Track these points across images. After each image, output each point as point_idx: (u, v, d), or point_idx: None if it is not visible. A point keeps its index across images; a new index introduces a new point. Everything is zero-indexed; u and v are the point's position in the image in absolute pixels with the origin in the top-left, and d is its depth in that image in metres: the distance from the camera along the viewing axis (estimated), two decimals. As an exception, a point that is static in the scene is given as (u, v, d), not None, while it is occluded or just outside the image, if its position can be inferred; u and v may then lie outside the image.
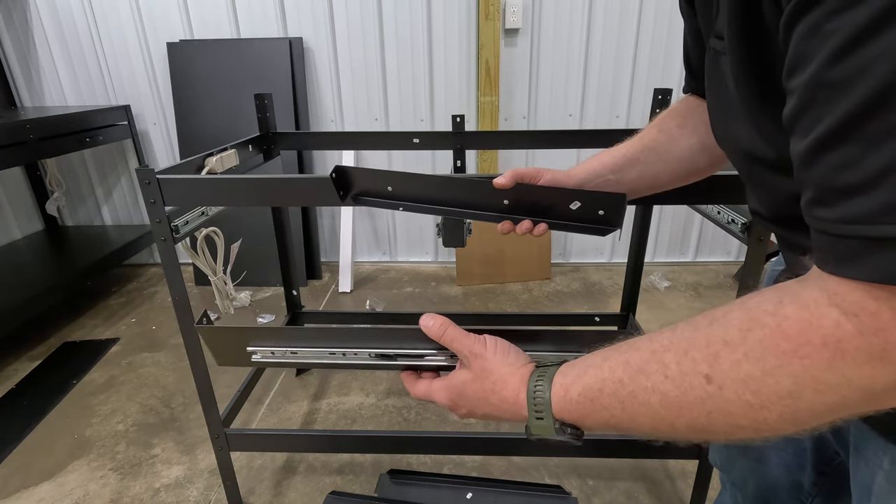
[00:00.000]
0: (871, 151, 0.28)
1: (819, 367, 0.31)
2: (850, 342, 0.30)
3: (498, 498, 1.26)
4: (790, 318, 0.32)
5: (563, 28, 2.26)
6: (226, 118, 2.36)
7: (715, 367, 0.35)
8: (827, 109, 0.29)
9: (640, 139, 0.72)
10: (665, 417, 0.38)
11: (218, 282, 1.39)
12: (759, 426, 0.34)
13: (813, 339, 0.31)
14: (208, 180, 1.00)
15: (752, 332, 0.33)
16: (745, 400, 0.34)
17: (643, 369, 0.38)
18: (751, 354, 0.33)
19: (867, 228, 0.28)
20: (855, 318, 0.30)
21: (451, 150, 1.52)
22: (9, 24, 2.36)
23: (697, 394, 0.35)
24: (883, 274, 0.29)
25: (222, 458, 1.21)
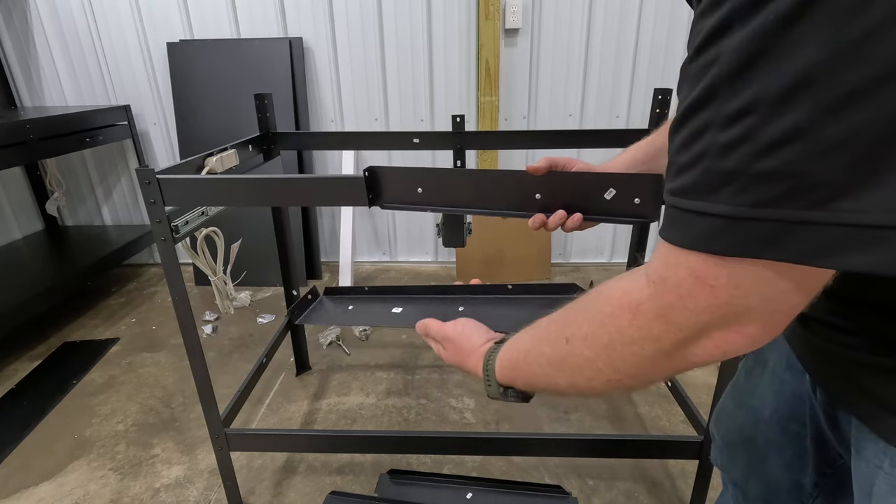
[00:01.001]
0: (695, 139, 0.33)
1: (624, 323, 0.40)
2: (644, 303, 0.38)
3: (498, 498, 1.27)
4: (617, 288, 0.42)
5: (563, 28, 2.26)
6: (226, 118, 2.36)
7: (570, 330, 0.45)
8: (685, 95, 0.34)
9: (662, 133, 0.73)
10: (552, 374, 0.48)
11: (218, 282, 1.39)
12: (598, 375, 0.43)
13: (623, 302, 0.40)
14: (208, 180, 1.00)
15: (594, 301, 0.44)
16: (585, 354, 0.43)
17: (538, 338, 0.50)
18: (588, 318, 0.43)
19: (678, 200, 0.35)
20: (652, 284, 0.37)
21: (451, 150, 1.52)
22: (9, 24, 2.36)
23: (562, 352, 0.46)
24: (680, 236, 0.35)
25: (222, 458, 1.21)
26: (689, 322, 0.36)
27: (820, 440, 0.59)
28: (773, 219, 0.30)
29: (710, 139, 0.32)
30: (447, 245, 1.29)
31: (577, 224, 0.74)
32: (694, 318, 0.36)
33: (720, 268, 0.33)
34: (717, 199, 0.32)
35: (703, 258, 0.34)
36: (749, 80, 0.29)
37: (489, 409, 1.64)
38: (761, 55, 0.28)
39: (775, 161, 0.29)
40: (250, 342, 2.06)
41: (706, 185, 0.32)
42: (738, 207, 0.31)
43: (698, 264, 0.34)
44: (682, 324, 0.36)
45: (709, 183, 0.32)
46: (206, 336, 2.10)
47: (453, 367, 0.64)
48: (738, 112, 0.30)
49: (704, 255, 0.34)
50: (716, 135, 0.31)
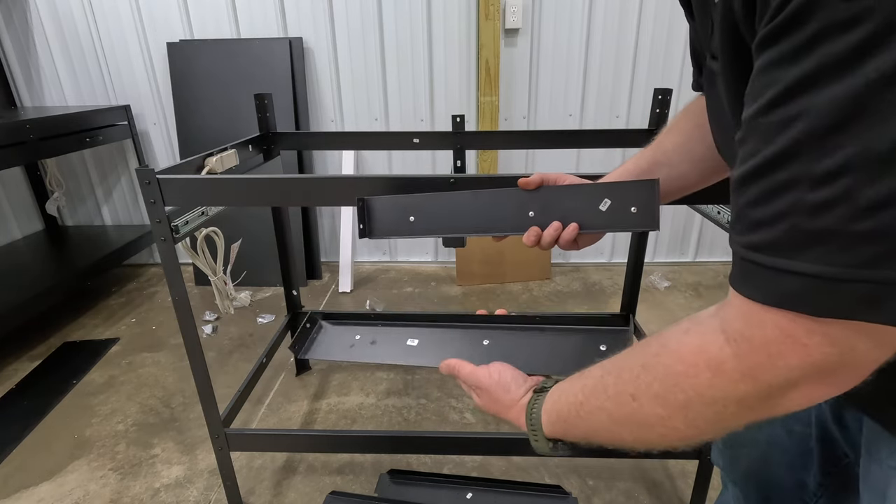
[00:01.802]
0: (776, 196, 0.32)
1: (703, 384, 0.38)
2: (727, 364, 0.36)
3: (498, 498, 1.27)
4: (688, 345, 0.39)
5: (563, 28, 2.26)
6: (226, 118, 2.36)
7: (637, 387, 0.43)
8: (755, 149, 0.33)
9: (658, 144, 0.72)
10: (614, 430, 0.46)
11: (218, 282, 1.39)
12: (675, 433, 0.41)
13: (700, 362, 0.38)
14: (208, 180, 1.00)
15: (660, 357, 0.41)
16: (658, 413, 0.41)
17: (594, 391, 0.47)
18: (657, 375, 0.41)
19: (757, 255, 0.34)
20: (735, 343, 0.36)
21: (451, 150, 1.52)
22: (9, 24, 2.36)
23: (628, 409, 0.43)
24: (761, 294, 0.34)
25: (222, 458, 1.21)
26: (780, 380, 0.35)
27: (825, 440, 0.58)
28: (872, 280, 0.29)
29: (798, 197, 0.31)
30: (447, 245, 1.29)
31: (572, 236, 0.72)
32: (785, 374, 0.35)
33: (813, 327, 0.33)
34: (807, 257, 0.31)
35: (792, 317, 0.33)
36: (844, 140, 0.28)
37: (489, 409, 1.64)
38: (860, 115, 0.27)
39: (875, 222, 0.28)
40: (250, 342, 2.06)
41: (793, 244, 0.32)
42: (832, 268, 0.30)
43: (788, 323, 0.33)
44: (771, 382, 0.35)
45: (796, 241, 0.31)
46: (206, 336, 2.10)
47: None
48: (832, 172, 0.29)
49: (794, 315, 0.33)
50: (804, 194, 0.30)
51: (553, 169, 2.66)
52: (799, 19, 0.29)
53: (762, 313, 0.34)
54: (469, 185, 0.92)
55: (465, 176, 0.92)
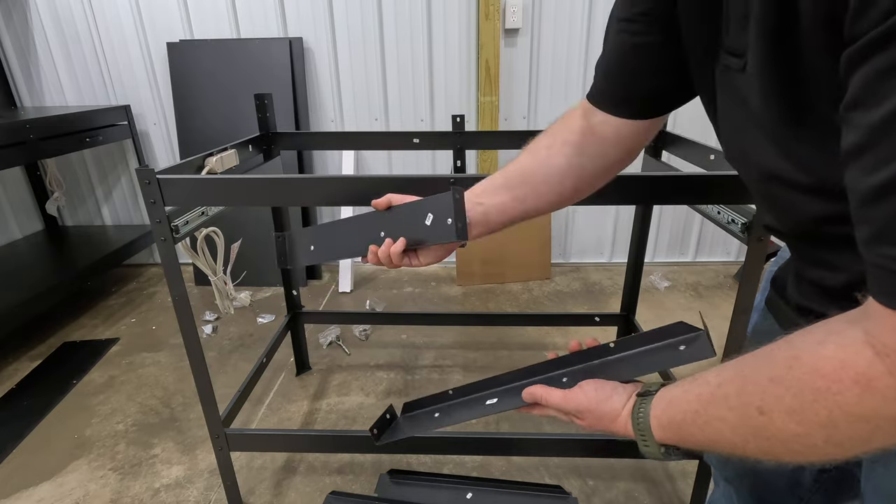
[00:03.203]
0: None
1: (850, 402, 0.34)
2: (880, 381, 0.32)
3: (498, 498, 1.27)
4: (827, 358, 0.35)
5: (563, 28, 2.26)
6: (226, 118, 2.36)
7: (765, 401, 0.39)
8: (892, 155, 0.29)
9: (511, 165, 0.72)
10: (736, 442, 0.42)
11: (218, 282, 1.40)
12: (812, 450, 0.38)
13: (845, 377, 0.34)
14: (208, 180, 1.00)
15: (792, 370, 0.37)
16: (791, 429, 0.38)
17: (712, 401, 0.44)
18: (792, 390, 0.37)
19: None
20: (887, 358, 0.32)
21: (451, 150, 1.53)
22: (9, 24, 2.36)
23: (754, 423, 0.40)
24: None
25: (222, 458, 1.21)
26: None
27: None
28: None
29: None
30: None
31: (398, 249, 0.72)
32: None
33: None
34: None
35: None
36: None
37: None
38: None
39: None
40: (250, 342, 2.06)
41: None
42: None
43: None
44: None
45: None
46: (206, 336, 2.10)
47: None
48: None
49: None
50: None
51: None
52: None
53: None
54: (469, 184, 0.92)
55: (465, 176, 0.92)
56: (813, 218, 0.44)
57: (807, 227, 0.47)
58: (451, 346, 1.99)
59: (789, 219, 0.48)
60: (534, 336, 2.04)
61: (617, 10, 0.60)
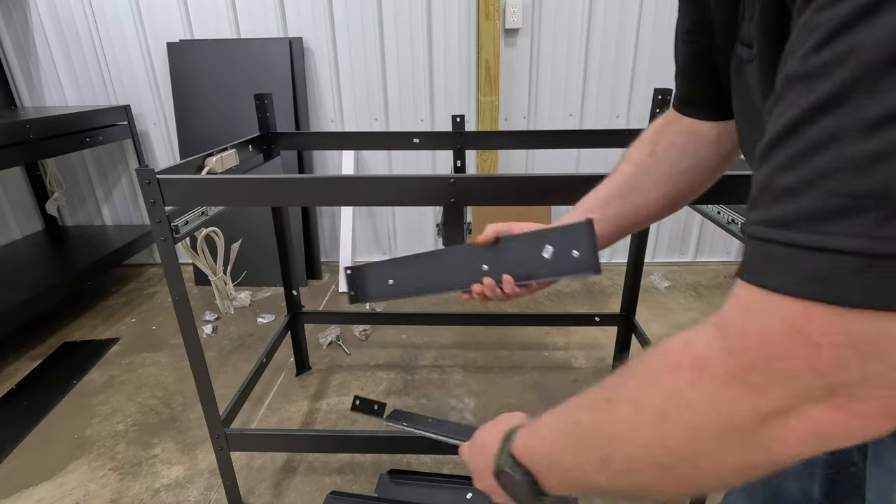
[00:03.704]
0: (812, 153, 0.26)
1: (682, 383, 0.31)
2: (712, 360, 0.30)
3: (498, 498, 1.26)
4: (676, 339, 0.33)
5: (563, 28, 2.26)
6: (226, 118, 2.36)
7: (616, 389, 0.37)
8: (790, 103, 0.27)
9: (612, 177, 0.70)
10: (580, 450, 0.38)
11: (218, 282, 1.40)
12: (645, 456, 0.34)
13: (683, 358, 0.32)
14: (208, 180, 1.00)
15: (647, 356, 0.35)
16: (628, 419, 0.34)
17: (576, 403, 0.41)
18: (638, 375, 0.35)
19: (780, 232, 0.27)
20: (725, 336, 0.30)
21: (451, 150, 1.53)
22: (9, 24, 2.36)
23: (600, 417, 0.37)
24: (773, 279, 0.27)
25: (222, 458, 1.21)
26: (777, 390, 0.28)
27: None
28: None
29: (841, 152, 0.24)
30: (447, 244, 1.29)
31: (511, 287, 0.69)
32: (785, 384, 0.28)
33: (835, 321, 0.25)
34: (849, 230, 0.24)
35: (807, 307, 0.26)
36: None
37: (489, 409, 1.64)
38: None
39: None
40: (250, 342, 2.06)
41: (831, 213, 0.25)
42: (882, 241, 0.24)
43: (799, 315, 0.26)
44: (765, 391, 0.28)
45: (836, 209, 0.25)
46: (206, 336, 2.10)
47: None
48: (886, 116, 0.23)
49: (809, 305, 0.26)
50: (850, 146, 0.24)
51: (553, 169, 2.67)
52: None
53: (768, 302, 0.27)
54: (469, 185, 0.92)
55: (465, 176, 0.92)
56: None
57: None
58: (451, 346, 1.99)
59: None
60: (534, 336, 2.03)
61: (679, 22, 0.60)
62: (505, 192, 0.93)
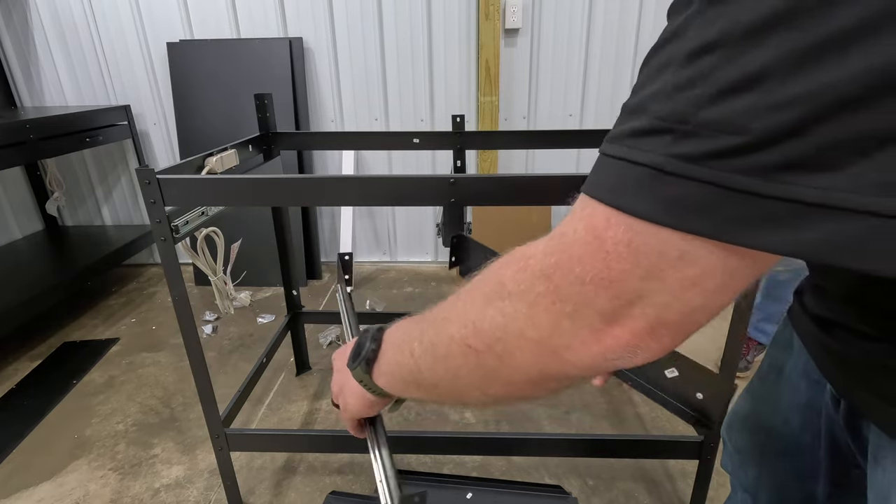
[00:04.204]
0: (648, 81, 0.28)
1: (508, 275, 0.33)
2: (535, 257, 0.32)
3: (498, 498, 1.26)
4: (521, 246, 0.35)
5: (563, 28, 2.26)
6: (226, 118, 2.36)
7: (458, 292, 0.38)
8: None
9: None
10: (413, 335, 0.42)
11: (218, 282, 1.39)
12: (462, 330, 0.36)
13: (518, 254, 0.34)
14: (208, 180, 1.00)
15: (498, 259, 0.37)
16: (465, 307, 0.36)
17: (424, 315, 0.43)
18: (484, 271, 0.36)
19: (608, 146, 0.29)
20: (550, 238, 0.32)
21: (451, 150, 1.52)
22: (9, 24, 2.36)
23: (442, 309, 0.39)
24: (587, 185, 0.30)
25: (222, 458, 1.21)
26: (571, 292, 0.29)
27: (834, 452, 0.57)
28: (703, 179, 0.25)
29: (664, 80, 0.27)
30: (447, 245, 1.29)
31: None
32: (577, 289, 0.29)
33: (623, 230, 0.27)
34: (646, 145, 0.27)
35: (607, 214, 0.28)
36: (722, 11, 0.24)
37: (489, 408, 1.64)
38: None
39: (723, 109, 0.24)
40: (250, 342, 2.06)
41: (644, 131, 0.27)
42: (668, 159, 0.26)
43: (599, 220, 0.28)
44: (562, 290, 0.30)
45: (648, 128, 0.27)
46: (206, 336, 2.10)
47: None
48: (701, 48, 0.25)
49: (609, 211, 0.28)
50: (672, 74, 0.26)
51: (553, 169, 2.66)
52: None
53: (585, 206, 0.29)
54: (469, 185, 0.92)
55: (465, 176, 0.92)
56: None
57: None
58: (451, 346, 1.99)
59: None
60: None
61: None
62: (505, 192, 0.93)
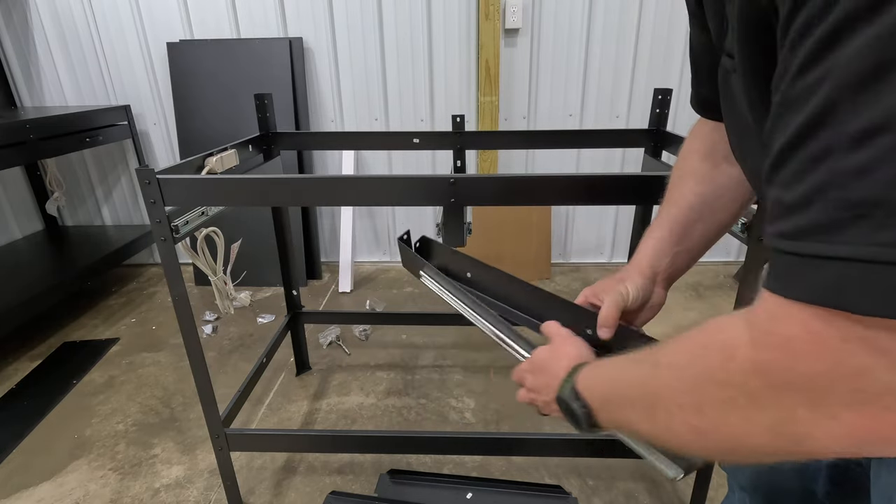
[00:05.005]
0: (810, 169, 0.28)
1: (714, 365, 0.35)
2: (740, 350, 0.32)
3: (498, 498, 1.27)
4: (717, 322, 0.37)
5: (563, 28, 2.26)
6: (226, 118, 2.36)
7: (663, 353, 0.41)
8: (785, 125, 0.29)
9: (682, 199, 0.66)
10: (629, 398, 0.44)
11: (218, 282, 1.39)
12: (682, 414, 0.38)
13: (715, 342, 0.36)
14: (208, 180, 1.00)
15: (695, 330, 0.39)
16: (670, 384, 0.39)
17: (633, 357, 0.46)
18: (683, 345, 0.39)
19: (791, 243, 0.29)
20: (754, 330, 0.32)
21: (451, 150, 1.52)
22: (9, 24, 2.36)
23: (646, 373, 0.42)
24: (785, 287, 0.30)
25: (222, 458, 1.21)
26: (798, 390, 0.29)
27: None
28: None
29: (832, 166, 0.26)
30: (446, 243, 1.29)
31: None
32: (806, 385, 0.29)
33: (852, 327, 0.27)
34: (844, 237, 0.26)
35: (825, 316, 0.28)
36: (879, 91, 0.24)
37: (489, 409, 1.64)
38: (889, 62, 0.24)
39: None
40: (250, 342, 2.06)
41: (833, 223, 0.26)
42: (880, 248, 0.25)
43: (818, 323, 0.28)
44: (787, 389, 0.30)
45: (836, 219, 0.26)
46: (206, 336, 2.10)
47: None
48: (868, 129, 0.25)
49: (827, 312, 0.27)
50: (839, 160, 0.26)
51: (553, 169, 2.65)
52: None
53: (789, 308, 0.29)
54: (469, 185, 0.92)
55: (465, 176, 0.92)
56: None
57: None
58: (451, 346, 1.99)
59: None
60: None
61: (691, 28, 0.59)
62: (505, 192, 0.93)
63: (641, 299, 0.67)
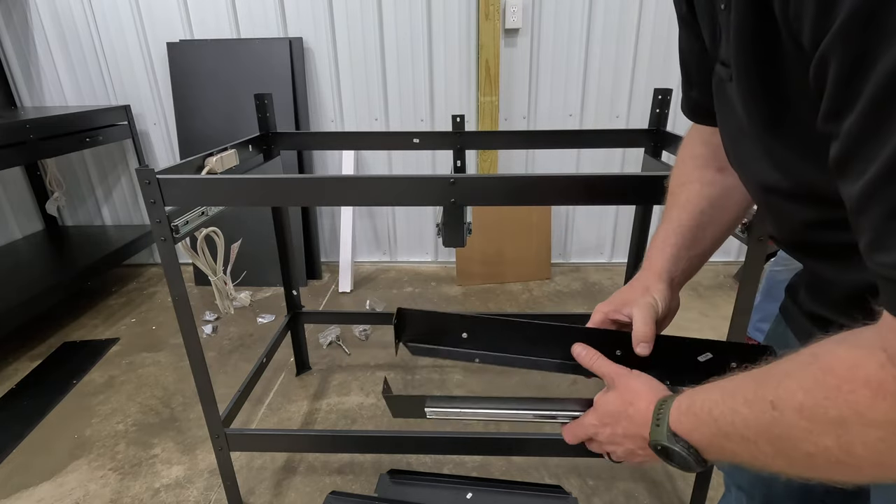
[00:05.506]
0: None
1: (863, 403, 0.33)
2: (891, 385, 0.31)
3: (498, 498, 1.26)
4: (840, 357, 0.35)
5: (563, 28, 2.26)
6: (226, 118, 2.36)
7: (778, 395, 0.38)
8: (876, 153, 0.29)
9: (690, 204, 0.65)
10: (749, 439, 0.40)
11: (218, 282, 1.39)
12: (826, 455, 0.36)
13: (856, 377, 0.33)
14: (208, 180, 1.00)
15: (809, 367, 0.37)
16: (802, 426, 0.36)
17: (732, 393, 0.42)
18: (804, 385, 0.36)
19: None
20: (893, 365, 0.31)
21: (451, 150, 1.53)
22: (9, 24, 2.36)
23: (766, 418, 0.38)
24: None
25: (222, 458, 1.21)
26: None
27: None
28: None
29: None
30: (447, 245, 1.29)
31: None
32: None
33: None
34: None
35: None
36: None
37: (489, 409, 1.64)
38: None
39: None
40: (250, 342, 2.06)
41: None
42: None
43: None
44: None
45: None
46: (206, 336, 2.10)
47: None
48: None
49: None
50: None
51: (553, 169, 2.65)
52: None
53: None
54: (469, 185, 0.92)
55: (465, 176, 0.92)
56: (802, 225, 0.44)
57: (799, 235, 0.47)
58: (451, 346, 1.99)
59: (784, 226, 0.48)
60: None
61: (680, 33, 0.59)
62: (505, 192, 0.93)
63: (667, 307, 0.63)
